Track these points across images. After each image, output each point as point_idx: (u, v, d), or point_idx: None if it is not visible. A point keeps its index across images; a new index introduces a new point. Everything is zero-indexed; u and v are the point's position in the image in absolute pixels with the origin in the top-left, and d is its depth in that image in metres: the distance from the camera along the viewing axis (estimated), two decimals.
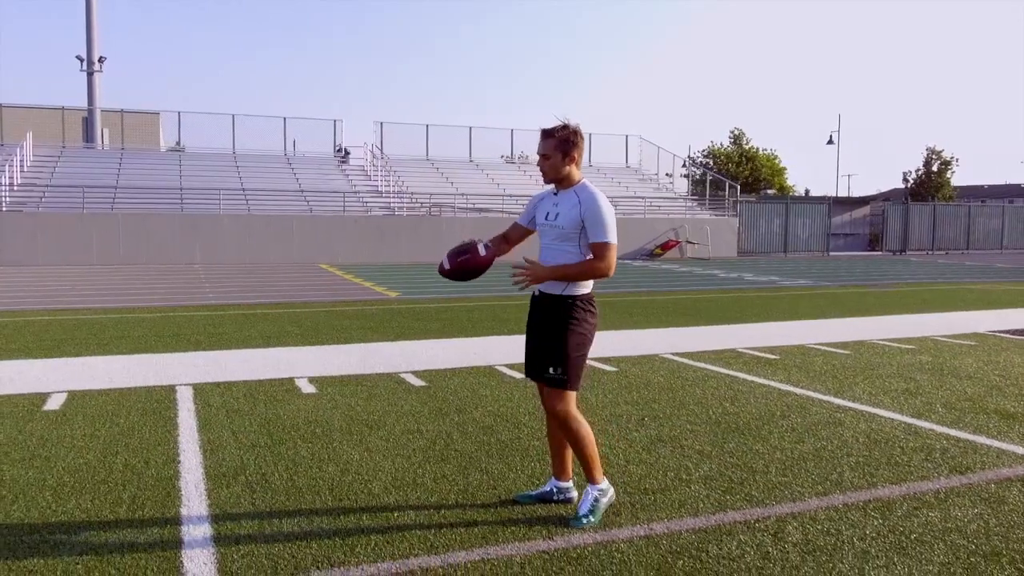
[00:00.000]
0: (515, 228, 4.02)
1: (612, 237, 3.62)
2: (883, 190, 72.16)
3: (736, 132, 53.95)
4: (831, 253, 32.96)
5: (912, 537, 3.51)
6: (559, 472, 3.97)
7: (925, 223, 34.79)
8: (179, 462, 4.57)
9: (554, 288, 3.71)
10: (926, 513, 3.80)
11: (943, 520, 3.71)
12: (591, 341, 3.76)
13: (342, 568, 3.18)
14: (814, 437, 5.14)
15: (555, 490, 3.95)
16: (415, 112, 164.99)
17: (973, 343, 9.09)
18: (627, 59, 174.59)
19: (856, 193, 69.58)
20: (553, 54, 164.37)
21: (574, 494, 3.95)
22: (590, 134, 36.18)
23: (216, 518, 3.70)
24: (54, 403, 6.00)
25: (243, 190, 27.05)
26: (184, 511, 3.79)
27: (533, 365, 3.80)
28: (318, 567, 3.19)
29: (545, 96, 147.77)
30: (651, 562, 3.25)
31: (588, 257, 3.65)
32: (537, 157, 3.74)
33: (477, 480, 4.26)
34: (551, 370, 3.68)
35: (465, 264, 3.73)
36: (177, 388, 6.56)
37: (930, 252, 34.21)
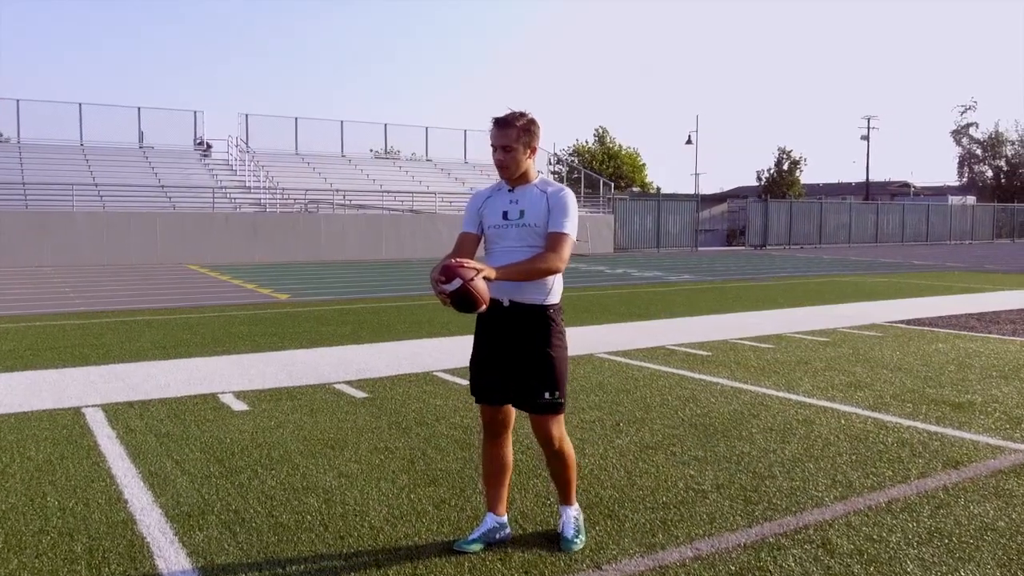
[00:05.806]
0: (468, 239, 3.38)
1: (571, 230, 3.24)
2: (725, 188, 76.06)
3: (600, 131, 55.26)
4: (699, 248, 34.27)
5: (955, 539, 3.45)
6: (498, 504, 3.46)
7: (783, 219, 36.82)
8: (126, 501, 3.92)
9: (534, 296, 3.24)
10: (951, 512, 3.77)
11: (969, 519, 3.69)
12: None
13: None
14: (795, 436, 5.09)
15: (497, 526, 3.41)
16: (280, 105, 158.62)
17: (879, 334, 9.49)
18: (494, 55, 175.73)
19: (704, 191, 72.95)
20: (415, 48, 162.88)
21: (508, 531, 3.46)
22: (464, 131, 35.94)
23: (205, 570, 3.14)
24: None
25: (95, 185, 24.94)
26: (161, 564, 3.20)
27: (515, 392, 3.28)
28: None
29: (410, 91, 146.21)
30: None
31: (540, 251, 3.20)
32: (495, 151, 3.22)
33: (479, 504, 3.87)
34: (546, 395, 3.26)
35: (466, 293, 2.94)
36: (84, 410, 5.74)
37: (787, 247, 36.23)
